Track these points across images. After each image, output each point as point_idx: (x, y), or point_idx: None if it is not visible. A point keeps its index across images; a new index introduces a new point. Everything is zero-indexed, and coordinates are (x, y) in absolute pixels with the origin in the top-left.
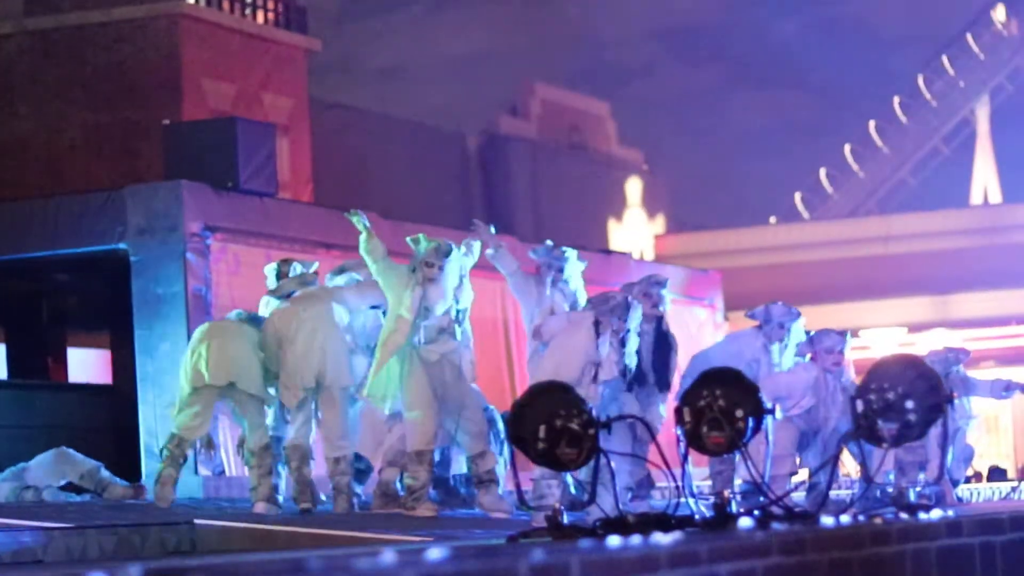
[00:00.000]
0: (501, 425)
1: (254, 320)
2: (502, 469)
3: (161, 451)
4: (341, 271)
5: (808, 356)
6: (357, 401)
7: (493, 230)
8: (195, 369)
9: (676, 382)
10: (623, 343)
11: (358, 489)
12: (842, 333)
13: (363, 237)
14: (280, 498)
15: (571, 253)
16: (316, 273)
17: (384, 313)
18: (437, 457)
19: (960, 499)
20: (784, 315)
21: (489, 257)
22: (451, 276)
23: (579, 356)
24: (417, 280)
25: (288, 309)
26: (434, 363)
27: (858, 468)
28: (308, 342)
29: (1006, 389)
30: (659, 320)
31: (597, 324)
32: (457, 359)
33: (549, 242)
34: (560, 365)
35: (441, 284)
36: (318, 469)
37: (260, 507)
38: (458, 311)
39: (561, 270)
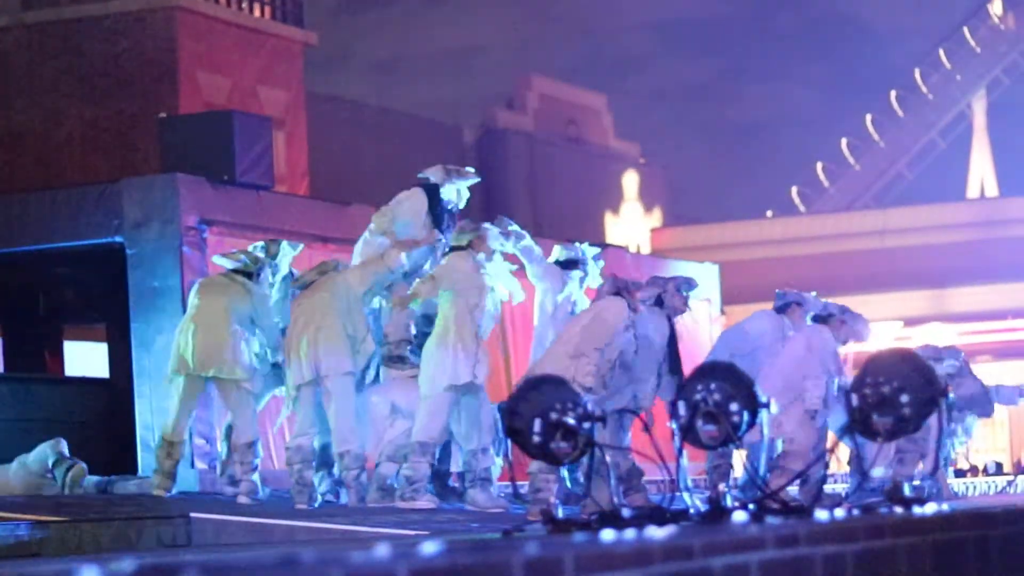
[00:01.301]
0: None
1: (247, 275)
2: (498, 469)
3: (156, 454)
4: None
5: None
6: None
7: (517, 226)
8: (180, 355)
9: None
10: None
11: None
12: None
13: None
14: (320, 497)
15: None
16: (339, 263)
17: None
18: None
19: (955, 493)
20: (817, 307)
21: (513, 246)
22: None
23: (610, 329)
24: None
25: (293, 303)
26: None
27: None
28: (301, 334)
29: (1021, 395)
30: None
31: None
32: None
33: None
34: (591, 332)
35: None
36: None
37: (242, 499)
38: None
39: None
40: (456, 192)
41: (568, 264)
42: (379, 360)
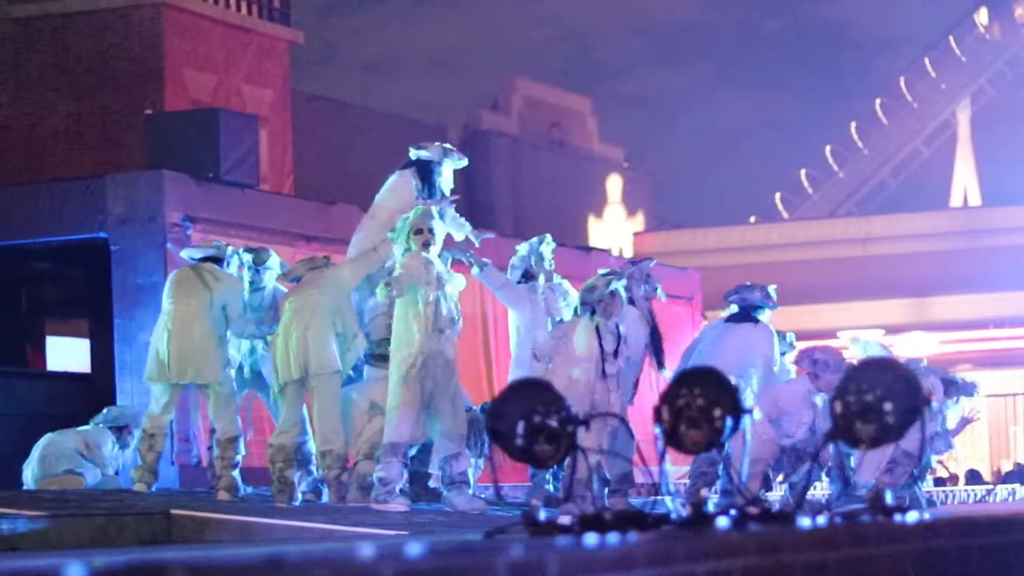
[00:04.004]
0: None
1: (217, 261)
2: (476, 470)
3: (138, 448)
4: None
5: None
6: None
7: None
8: (157, 360)
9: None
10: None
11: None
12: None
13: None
14: (300, 496)
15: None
16: (327, 257)
17: None
18: (414, 451)
19: (934, 502)
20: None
21: (476, 275)
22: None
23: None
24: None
25: (283, 298)
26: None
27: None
28: (288, 333)
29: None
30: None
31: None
32: (451, 353)
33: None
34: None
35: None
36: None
37: (222, 495)
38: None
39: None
40: (444, 173)
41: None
42: (363, 358)
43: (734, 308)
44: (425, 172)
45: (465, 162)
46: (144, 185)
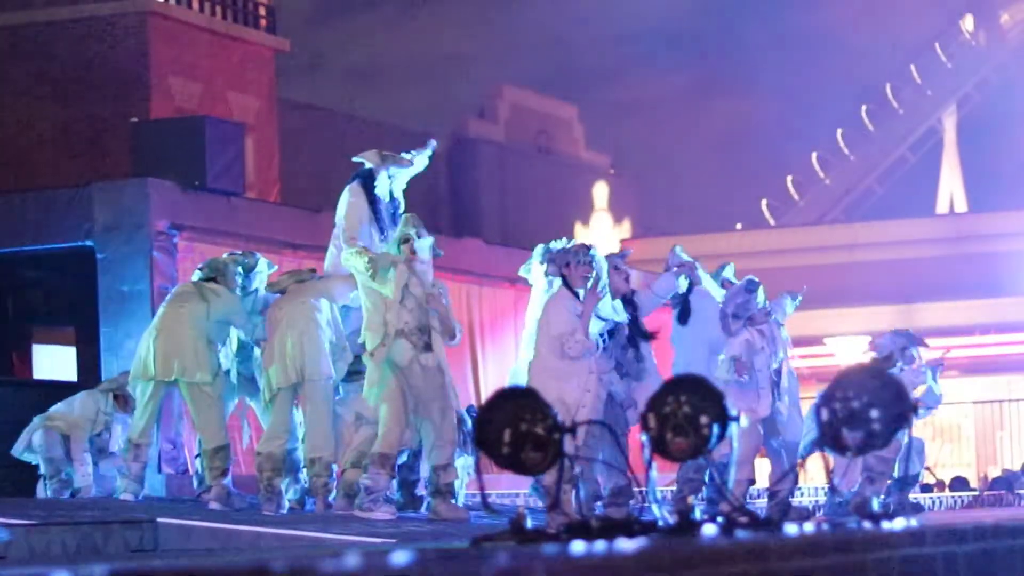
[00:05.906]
0: (470, 426)
1: (212, 279)
2: (464, 477)
3: (123, 457)
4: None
5: None
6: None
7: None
8: (143, 361)
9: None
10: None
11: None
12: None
13: None
14: (287, 504)
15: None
16: (313, 270)
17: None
18: (402, 459)
19: (921, 508)
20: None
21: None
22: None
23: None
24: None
25: (271, 308)
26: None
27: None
28: (282, 339)
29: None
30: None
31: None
32: (433, 361)
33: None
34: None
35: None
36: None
37: (214, 505)
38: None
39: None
40: (388, 179)
41: None
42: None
43: None
44: (368, 182)
45: (409, 167)
46: (130, 193)
